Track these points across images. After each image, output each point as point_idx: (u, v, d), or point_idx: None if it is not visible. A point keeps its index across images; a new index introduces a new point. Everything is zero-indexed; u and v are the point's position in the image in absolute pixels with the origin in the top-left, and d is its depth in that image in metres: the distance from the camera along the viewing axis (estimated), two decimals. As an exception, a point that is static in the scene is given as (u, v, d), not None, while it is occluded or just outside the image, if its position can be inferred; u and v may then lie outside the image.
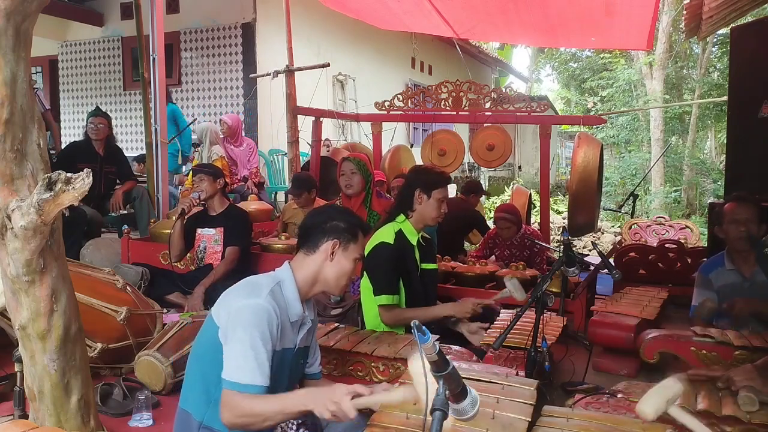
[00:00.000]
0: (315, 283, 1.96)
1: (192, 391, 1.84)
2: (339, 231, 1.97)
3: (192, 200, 4.01)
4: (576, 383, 2.67)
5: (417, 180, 3.02)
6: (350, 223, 2.00)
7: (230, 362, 1.69)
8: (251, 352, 1.68)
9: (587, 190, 5.07)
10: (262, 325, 1.72)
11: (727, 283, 3.17)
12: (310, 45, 8.37)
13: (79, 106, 9.04)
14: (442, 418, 1.19)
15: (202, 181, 4.03)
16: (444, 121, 5.94)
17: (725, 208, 3.19)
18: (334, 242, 1.95)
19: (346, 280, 1.99)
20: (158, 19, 5.27)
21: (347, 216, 2.05)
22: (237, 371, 1.67)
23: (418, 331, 1.18)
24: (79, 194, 1.66)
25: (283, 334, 1.83)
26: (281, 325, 1.81)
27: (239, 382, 1.66)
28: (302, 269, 1.95)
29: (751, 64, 4.35)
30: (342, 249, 1.95)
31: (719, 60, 16.17)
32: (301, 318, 1.92)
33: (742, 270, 3.16)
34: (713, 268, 3.26)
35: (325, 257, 1.94)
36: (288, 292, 1.89)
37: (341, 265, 1.96)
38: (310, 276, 1.95)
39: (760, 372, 2.03)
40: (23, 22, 1.70)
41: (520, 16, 5.42)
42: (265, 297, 1.77)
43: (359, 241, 2.01)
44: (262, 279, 1.89)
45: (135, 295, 3.12)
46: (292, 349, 1.91)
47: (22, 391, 2.14)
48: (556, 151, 18.36)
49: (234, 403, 1.66)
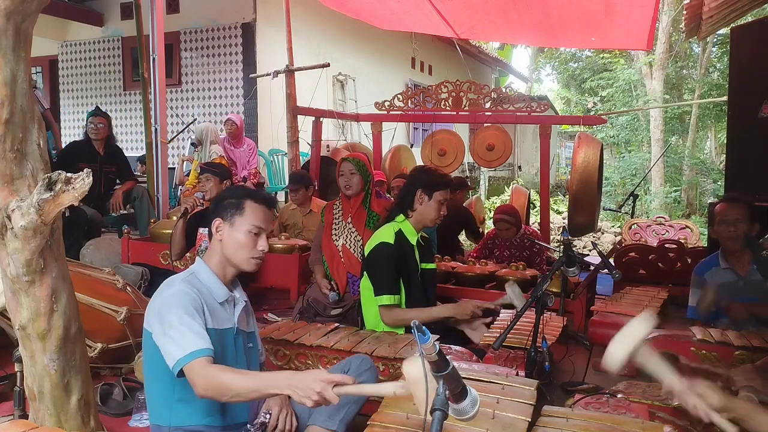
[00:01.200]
0: (226, 266, 1.96)
1: (153, 404, 1.88)
2: (221, 209, 1.97)
3: (196, 200, 4.01)
4: (576, 383, 2.67)
5: (419, 180, 3.02)
6: (233, 197, 1.99)
7: (172, 348, 1.70)
8: (183, 327, 1.71)
9: (587, 190, 5.07)
10: (184, 303, 1.76)
11: (722, 282, 3.17)
12: (310, 45, 8.37)
13: (79, 106, 9.04)
14: (442, 418, 1.19)
15: (209, 181, 4.02)
16: (444, 121, 5.94)
17: (716, 209, 3.24)
18: (215, 221, 1.96)
19: (247, 252, 1.94)
20: (158, 19, 5.27)
21: (232, 191, 2.08)
22: (180, 347, 1.68)
23: (418, 331, 1.19)
24: (79, 194, 1.66)
25: (214, 314, 1.85)
26: (206, 304, 1.83)
27: (184, 354, 1.67)
28: (211, 256, 1.97)
29: (751, 64, 4.35)
30: (228, 225, 1.94)
31: (719, 60, 16.17)
32: (229, 297, 1.94)
33: (736, 269, 3.18)
34: (708, 268, 3.28)
35: (217, 237, 1.96)
36: (204, 278, 1.91)
37: (233, 239, 1.93)
38: (218, 259, 1.95)
39: (760, 372, 2.03)
40: (23, 22, 1.70)
41: (520, 16, 5.42)
42: (179, 284, 1.83)
43: (248, 212, 1.95)
44: (175, 278, 1.92)
45: (135, 295, 3.12)
46: (232, 329, 1.92)
47: (22, 391, 2.14)
48: (556, 151, 18.36)
49: (198, 371, 1.66)
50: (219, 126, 7.06)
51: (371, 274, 2.95)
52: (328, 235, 3.71)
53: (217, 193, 4.03)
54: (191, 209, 3.97)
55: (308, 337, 2.67)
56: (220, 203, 1.99)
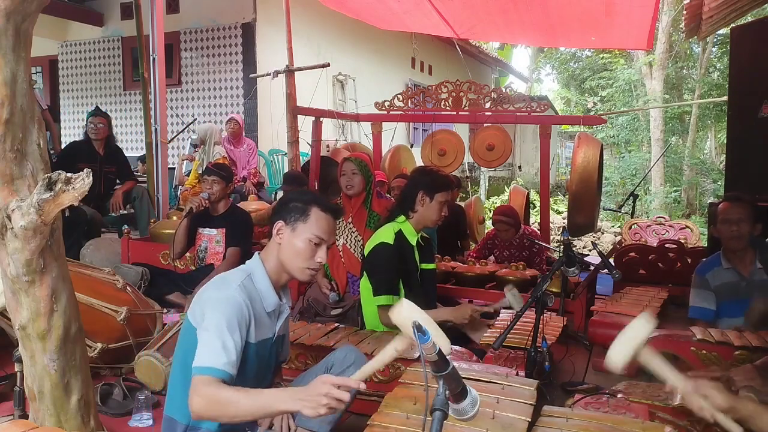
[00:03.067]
0: (280, 272, 1.89)
1: (175, 395, 1.82)
2: (285, 211, 1.88)
3: (201, 200, 4.01)
4: (576, 383, 2.67)
5: (420, 181, 3.02)
6: (300, 200, 1.89)
7: (199, 350, 1.66)
8: (217, 338, 1.65)
9: (587, 190, 5.07)
10: (230, 314, 1.69)
11: (725, 282, 3.16)
12: (310, 45, 8.37)
13: (79, 106, 9.04)
14: (442, 418, 1.19)
15: (216, 183, 4.01)
16: (444, 121, 5.93)
17: (718, 208, 3.21)
18: (277, 224, 1.87)
19: (303, 262, 1.85)
20: (158, 19, 5.27)
21: (300, 194, 1.95)
22: (202, 356, 1.64)
23: (419, 331, 1.19)
24: (79, 194, 1.66)
25: (259, 326, 1.80)
26: (256, 316, 1.78)
27: (202, 365, 1.62)
28: (268, 257, 1.89)
29: (751, 64, 4.35)
30: (290, 229, 1.85)
31: (719, 60, 16.18)
32: (278, 307, 1.89)
33: (739, 269, 3.16)
34: (710, 268, 3.26)
35: (276, 240, 1.87)
36: (260, 284, 1.85)
37: (292, 246, 1.84)
38: (275, 263, 1.88)
39: (760, 372, 2.03)
40: (23, 22, 1.70)
41: (520, 16, 5.42)
42: (235, 289, 1.75)
43: (312, 219, 1.85)
44: (233, 274, 1.85)
45: (135, 295, 3.12)
46: (271, 338, 1.89)
47: (22, 391, 2.14)
48: (556, 151, 18.36)
49: (200, 388, 1.58)
50: (220, 126, 7.07)
51: (371, 274, 2.95)
52: (328, 235, 3.71)
53: (221, 197, 4.05)
54: (197, 209, 3.98)
55: (308, 337, 2.67)
56: (285, 205, 1.90)
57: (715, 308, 3.21)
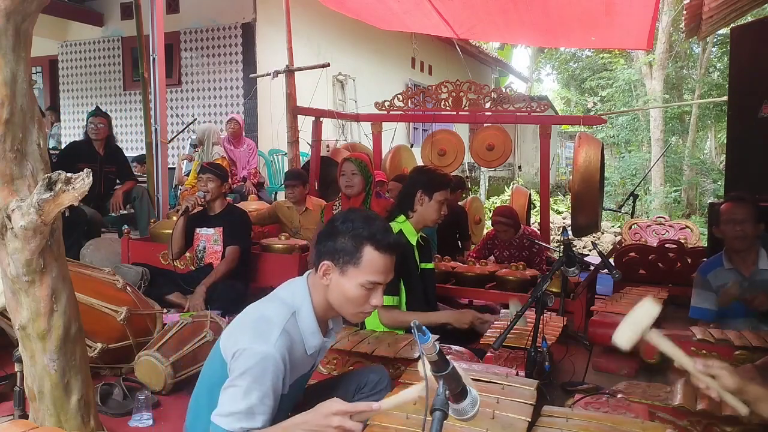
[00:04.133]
0: (328, 309, 1.71)
1: (198, 419, 1.72)
2: (332, 251, 1.64)
3: (197, 199, 4.02)
4: (576, 383, 2.67)
5: (419, 181, 3.02)
6: (351, 237, 1.63)
7: (222, 405, 1.55)
8: (244, 402, 1.52)
9: (590, 190, 5.07)
10: (265, 377, 1.53)
11: (726, 282, 3.17)
12: (310, 45, 8.37)
13: (79, 106, 9.04)
14: (442, 418, 1.19)
15: (211, 181, 4.03)
16: (444, 121, 5.94)
17: (722, 208, 3.20)
18: (324, 264, 1.65)
19: (355, 308, 1.66)
20: (158, 19, 5.27)
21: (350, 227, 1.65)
22: (223, 417, 1.54)
23: (419, 331, 1.19)
24: (79, 194, 1.66)
25: (295, 371, 1.66)
26: (293, 364, 1.62)
27: (223, 426, 1.53)
28: (316, 290, 1.70)
29: (751, 64, 4.35)
30: (339, 272, 1.63)
31: (719, 60, 16.18)
32: (320, 345, 1.73)
33: (740, 269, 3.16)
34: (711, 268, 3.27)
35: (323, 282, 1.66)
36: (305, 324, 1.66)
37: (341, 289, 1.64)
38: (322, 300, 1.69)
39: (760, 372, 2.03)
40: (23, 22, 1.70)
41: (520, 16, 5.42)
42: (274, 343, 1.55)
43: (365, 262, 1.61)
44: (276, 312, 1.63)
45: (135, 295, 3.12)
46: (308, 373, 1.79)
47: (22, 391, 2.14)
48: (556, 151, 18.36)
49: None
50: (220, 126, 7.07)
51: (371, 274, 2.94)
52: (328, 235, 3.71)
53: (217, 196, 4.05)
54: (192, 208, 3.98)
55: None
56: (332, 241, 1.64)
57: (716, 308, 3.21)
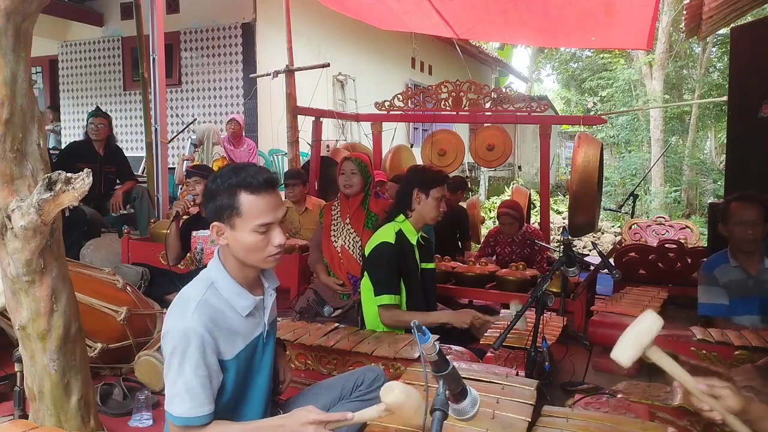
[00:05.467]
0: (243, 266, 1.70)
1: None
2: (215, 210, 1.66)
3: (187, 203, 4.02)
4: (576, 383, 2.67)
5: (414, 180, 3.02)
6: (224, 192, 1.64)
7: (166, 390, 1.58)
8: (180, 380, 1.54)
9: (588, 190, 5.07)
10: (189, 350, 1.55)
11: (733, 280, 3.15)
12: (310, 45, 8.37)
13: (79, 106, 9.05)
14: (442, 418, 1.19)
15: (198, 184, 4.02)
16: (444, 121, 5.94)
17: (732, 207, 3.12)
18: (215, 226, 1.66)
19: (260, 254, 1.66)
20: (158, 19, 5.27)
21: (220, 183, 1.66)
22: (171, 402, 1.56)
23: (418, 331, 1.19)
24: (79, 194, 1.66)
25: (238, 335, 1.68)
26: (230, 329, 1.65)
27: (173, 413, 1.55)
28: (226, 257, 1.72)
29: (751, 64, 4.35)
30: (229, 228, 1.64)
31: (719, 60, 16.19)
32: (256, 303, 1.73)
33: (746, 267, 3.14)
34: (717, 264, 3.23)
35: (223, 242, 1.68)
36: (225, 290, 1.68)
37: (239, 242, 1.64)
38: (233, 262, 1.70)
39: (760, 372, 2.03)
40: (23, 22, 1.70)
41: (520, 16, 5.42)
42: (191, 315, 1.58)
43: (245, 209, 1.62)
44: (193, 289, 1.67)
45: (135, 295, 3.12)
46: (261, 334, 1.78)
47: (22, 391, 2.14)
48: (556, 151, 18.37)
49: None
50: (220, 126, 7.07)
51: (372, 273, 2.95)
52: (327, 236, 3.71)
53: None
54: (183, 212, 3.99)
55: (308, 337, 2.67)
56: (212, 202, 1.67)
57: (728, 303, 3.16)
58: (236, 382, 1.68)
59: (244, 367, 1.71)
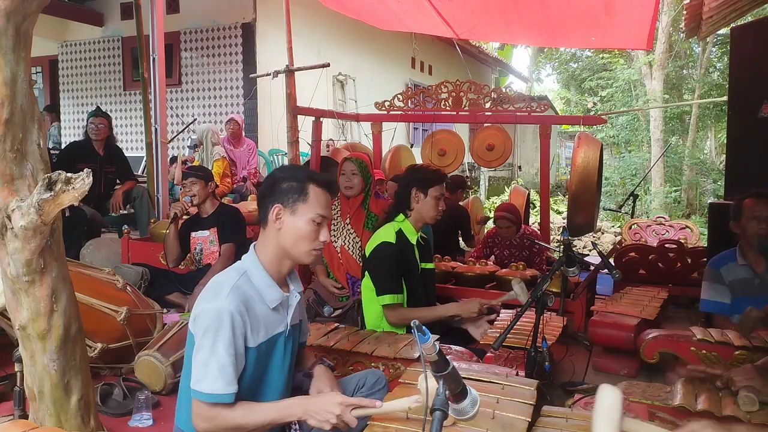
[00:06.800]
0: (281, 258, 1.79)
1: (183, 407, 1.79)
2: (281, 193, 1.75)
3: (184, 204, 4.02)
4: (576, 383, 2.67)
5: (412, 179, 3.02)
6: (294, 179, 1.77)
7: (195, 370, 1.64)
8: (213, 359, 1.60)
9: (587, 190, 5.06)
10: (222, 329, 1.62)
11: (739, 278, 3.14)
12: (310, 45, 8.37)
13: (79, 106, 9.05)
14: (442, 418, 1.19)
15: (194, 184, 4.02)
16: (444, 121, 5.94)
17: (745, 203, 3.11)
18: (274, 207, 1.75)
19: (308, 244, 1.76)
20: (158, 19, 5.27)
21: (292, 171, 1.82)
22: (200, 380, 1.61)
23: (418, 331, 1.19)
24: (79, 194, 1.66)
25: (261, 327, 1.73)
26: (256, 318, 1.71)
27: (202, 390, 1.60)
28: (264, 247, 1.80)
29: (751, 64, 4.35)
30: (289, 212, 1.74)
31: (719, 60, 16.19)
32: (283, 299, 1.80)
33: (754, 266, 3.13)
34: (724, 262, 3.22)
35: (276, 226, 1.76)
36: (257, 280, 1.75)
37: (294, 228, 1.74)
38: (273, 252, 1.78)
39: (760, 372, 2.03)
40: (23, 22, 1.70)
41: (520, 16, 5.41)
42: (226, 297, 1.65)
43: (312, 198, 1.75)
44: (226, 276, 1.75)
45: (135, 295, 3.12)
46: (284, 332, 1.81)
47: (22, 391, 2.14)
48: (556, 151, 18.38)
49: (205, 413, 1.61)
50: (219, 126, 7.06)
51: (373, 274, 2.95)
52: (327, 236, 3.71)
53: (204, 198, 4.04)
54: (180, 214, 3.98)
55: (308, 337, 2.67)
56: (278, 185, 1.76)
57: (729, 302, 3.16)
58: (253, 374, 1.72)
59: (263, 360, 1.75)
